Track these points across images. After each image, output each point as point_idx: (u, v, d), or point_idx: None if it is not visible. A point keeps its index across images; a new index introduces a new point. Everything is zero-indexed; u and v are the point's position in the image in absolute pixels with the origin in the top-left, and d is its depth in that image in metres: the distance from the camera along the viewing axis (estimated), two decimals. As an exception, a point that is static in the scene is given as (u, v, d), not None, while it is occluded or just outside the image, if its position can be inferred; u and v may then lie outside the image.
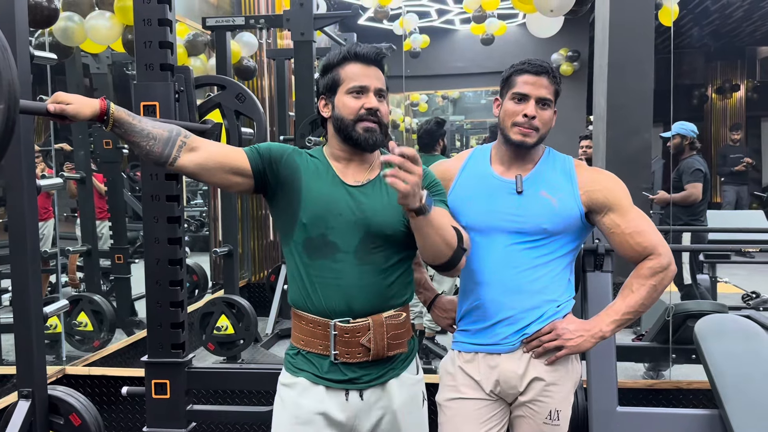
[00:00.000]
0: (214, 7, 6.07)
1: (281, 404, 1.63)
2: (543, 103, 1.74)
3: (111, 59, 4.82)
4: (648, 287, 1.73)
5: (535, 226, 1.73)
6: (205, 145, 1.58)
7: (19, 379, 2.27)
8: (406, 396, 1.63)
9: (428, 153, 4.40)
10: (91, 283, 4.95)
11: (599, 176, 1.80)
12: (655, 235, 1.75)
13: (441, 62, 10.41)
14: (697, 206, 4.92)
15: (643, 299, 1.73)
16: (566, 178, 1.78)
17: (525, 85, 1.74)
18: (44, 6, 3.00)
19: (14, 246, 2.21)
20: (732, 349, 2.44)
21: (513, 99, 1.75)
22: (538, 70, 1.74)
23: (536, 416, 1.76)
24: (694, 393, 2.89)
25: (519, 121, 1.73)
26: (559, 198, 1.75)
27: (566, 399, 1.77)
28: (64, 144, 5.13)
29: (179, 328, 2.38)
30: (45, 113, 1.47)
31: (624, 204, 1.76)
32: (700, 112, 13.09)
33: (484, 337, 1.77)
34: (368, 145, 1.58)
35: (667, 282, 1.75)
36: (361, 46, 1.61)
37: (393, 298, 1.60)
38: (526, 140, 1.74)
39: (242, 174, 1.58)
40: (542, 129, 1.75)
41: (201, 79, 2.44)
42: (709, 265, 5.33)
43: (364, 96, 1.58)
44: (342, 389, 1.58)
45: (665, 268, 1.73)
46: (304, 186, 1.59)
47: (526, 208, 1.75)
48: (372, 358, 1.57)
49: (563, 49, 10.30)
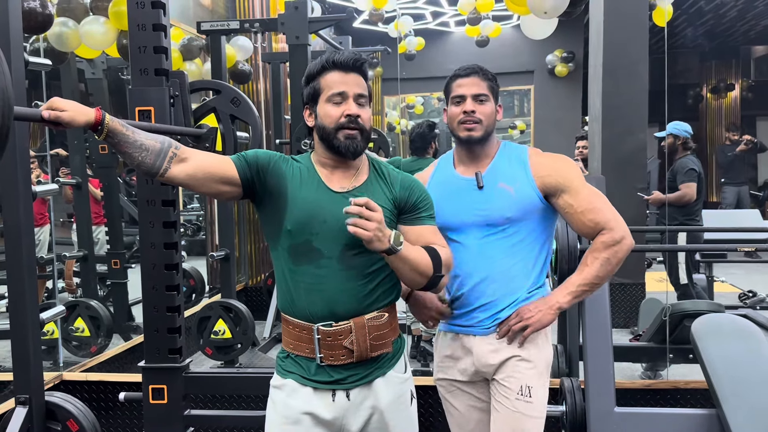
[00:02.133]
0: (209, 12, 6.07)
1: (272, 405, 1.68)
2: (479, 98, 1.88)
3: (106, 64, 4.80)
4: (601, 260, 1.82)
5: (500, 216, 1.86)
6: (195, 155, 1.61)
7: (16, 385, 2.27)
8: (392, 395, 1.66)
9: (421, 156, 4.41)
10: (87, 289, 4.94)
11: (549, 161, 1.91)
12: (609, 211, 1.85)
13: (436, 64, 10.39)
14: (692, 206, 4.92)
15: (597, 272, 1.83)
16: (521, 167, 1.90)
17: (459, 87, 1.91)
18: (38, 12, 2.99)
19: (10, 252, 2.21)
20: (729, 349, 2.44)
21: (453, 103, 1.92)
22: (468, 72, 1.92)
23: (509, 393, 1.83)
24: (692, 393, 2.90)
25: (462, 119, 1.89)
26: (516, 187, 1.87)
27: (539, 377, 1.86)
28: (60, 149, 5.12)
29: (176, 333, 2.38)
30: (39, 120, 1.47)
31: (575, 185, 1.86)
32: (695, 112, 13.11)
33: (462, 320, 1.90)
34: (349, 152, 1.61)
35: (622, 255, 1.83)
36: (340, 53, 1.65)
37: (376, 301, 1.63)
38: (472, 134, 1.88)
39: (231, 183, 1.62)
40: (485, 121, 1.89)
41: (196, 84, 2.44)
42: (706, 265, 5.34)
43: (344, 103, 1.61)
44: (329, 390, 1.62)
45: (617, 242, 1.82)
46: (290, 193, 1.61)
47: (488, 201, 1.88)
48: (356, 359, 1.60)
49: (558, 51, 10.30)
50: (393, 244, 1.49)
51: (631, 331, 4.77)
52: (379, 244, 1.48)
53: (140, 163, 1.55)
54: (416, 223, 1.67)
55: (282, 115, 5.45)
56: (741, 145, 9.82)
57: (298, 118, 4.07)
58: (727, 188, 10.10)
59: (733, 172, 10.22)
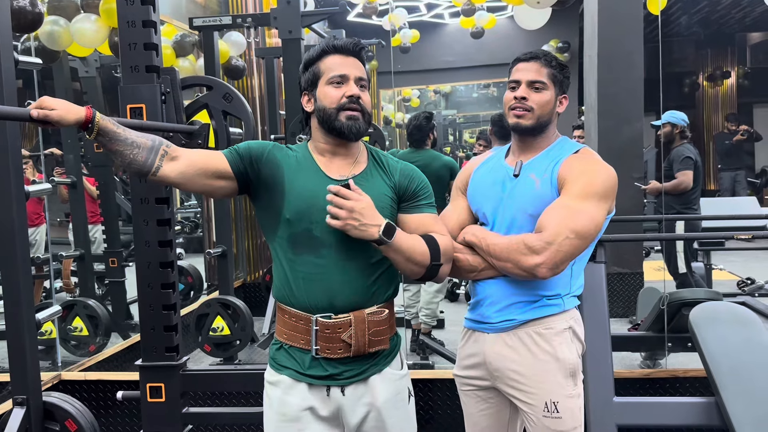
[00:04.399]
0: (202, 7, 6.04)
1: (269, 402, 1.66)
2: (534, 85, 1.78)
3: (99, 62, 4.79)
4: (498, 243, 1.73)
5: (522, 212, 1.77)
6: (186, 153, 1.60)
7: (14, 386, 2.26)
8: (389, 392, 1.64)
9: (420, 148, 4.39)
10: (85, 288, 4.94)
11: (581, 162, 1.76)
12: (559, 227, 1.64)
13: (431, 57, 10.37)
14: (689, 194, 4.92)
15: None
16: (556, 162, 1.78)
17: (516, 72, 1.82)
18: (28, 11, 2.97)
19: (4, 253, 2.20)
20: (727, 337, 2.44)
21: (509, 88, 1.83)
22: (529, 56, 1.81)
23: (535, 410, 1.76)
24: (691, 381, 2.90)
25: (512, 105, 1.80)
26: (542, 180, 1.77)
27: (558, 388, 1.75)
28: (54, 149, 5.10)
29: (173, 331, 2.37)
30: (28, 119, 1.46)
31: (573, 187, 1.70)
32: (691, 100, 13.10)
33: (475, 314, 1.86)
34: (351, 133, 1.59)
35: (515, 263, 1.67)
36: (339, 38, 1.64)
37: (376, 294, 1.60)
38: (520, 122, 1.79)
39: (224, 177, 1.60)
40: (538, 110, 1.78)
41: (187, 80, 2.42)
42: (704, 253, 5.34)
43: (345, 85, 1.59)
44: (323, 385, 1.59)
45: (530, 249, 1.64)
46: (287, 181, 1.59)
47: (515, 189, 1.80)
48: (353, 354, 1.58)
49: (553, 41, 10.28)
50: (382, 235, 1.48)
51: (629, 321, 4.77)
52: (358, 233, 1.48)
53: (131, 161, 1.53)
54: (417, 211, 1.65)
55: (277, 111, 5.44)
56: (738, 135, 9.86)
57: (293, 113, 4.06)
58: (723, 174, 10.19)
59: (729, 159, 10.29)
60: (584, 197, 1.69)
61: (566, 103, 1.84)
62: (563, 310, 1.79)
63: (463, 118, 15.32)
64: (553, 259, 1.63)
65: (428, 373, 3.23)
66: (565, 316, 1.80)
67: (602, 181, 1.73)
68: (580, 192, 1.70)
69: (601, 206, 1.71)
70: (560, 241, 1.63)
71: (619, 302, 5.04)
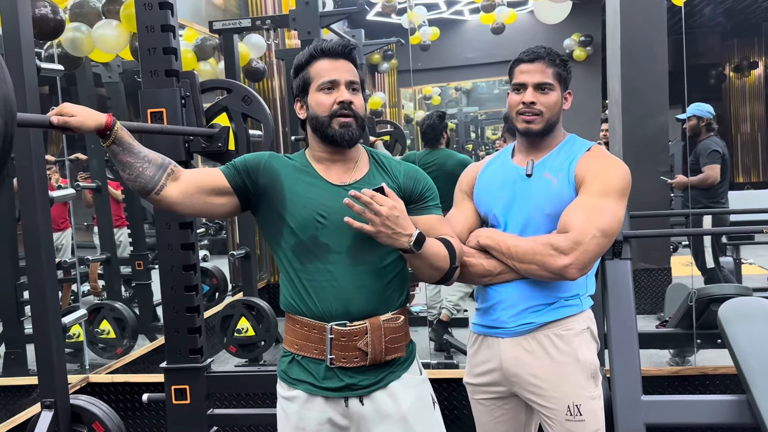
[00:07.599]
0: (222, 11, 6.08)
1: (284, 416, 1.62)
2: (541, 87, 1.74)
3: (122, 67, 4.84)
4: (524, 247, 1.69)
5: (539, 212, 1.73)
6: (185, 172, 1.59)
7: (41, 389, 2.29)
8: (413, 398, 1.59)
9: (433, 147, 4.38)
10: (112, 291, 5.00)
11: (597, 160, 1.74)
12: (585, 225, 1.62)
13: (452, 54, 10.31)
14: (717, 188, 4.82)
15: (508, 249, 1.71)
16: (571, 160, 1.75)
17: (521, 74, 1.77)
18: (50, 18, 3.00)
19: (30, 257, 2.23)
20: (758, 332, 2.38)
21: (514, 90, 1.78)
22: (532, 56, 1.76)
23: (557, 414, 1.73)
24: (721, 378, 2.84)
25: (520, 110, 1.75)
26: (558, 179, 1.73)
27: (581, 390, 1.72)
28: (79, 154, 5.17)
29: (196, 333, 2.39)
30: (48, 125, 1.47)
31: (592, 187, 1.67)
32: (717, 92, 12.86)
33: (487, 320, 1.81)
34: (344, 141, 1.55)
35: (543, 266, 1.64)
36: (327, 41, 1.59)
37: (390, 299, 1.57)
38: (530, 127, 1.75)
39: (223, 192, 1.58)
40: (547, 113, 1.75)
41: (207, 84, 2.43)
42: (733, 247, 5.24)
43: (335, 90, 1.56)
44: (341, 397, 1.55)
45: (559, 250, 1.62)
46: (287, 190, 1.57)
47: (531, 190, 1.76)
48: (369, 362, 1.53)
49: (575, 35, 10.16)
50: (413, 245, 1.43)
51: (657, 317, 4.70)
52: (390, 240, 1.43)
53: (139, 175, 1.52)
54: (424, 212, 1.62)
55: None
56: None
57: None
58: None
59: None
60: (605, 195, 1.67)
61: (571, 99, 1.82)
62: (581, 311, 1.77)
63: (485, 114, 15.22)
64: (582, 260, 1.61)
65: (452, 372, 3.21)
66: (583, 316, 1.77)
67: (620, 178, 1.71)
68: (601, 190, 1.68)
69: (621, 203, 1.69)
70: (588, 240, 1.61)
71: (646, 298, 4.97)
